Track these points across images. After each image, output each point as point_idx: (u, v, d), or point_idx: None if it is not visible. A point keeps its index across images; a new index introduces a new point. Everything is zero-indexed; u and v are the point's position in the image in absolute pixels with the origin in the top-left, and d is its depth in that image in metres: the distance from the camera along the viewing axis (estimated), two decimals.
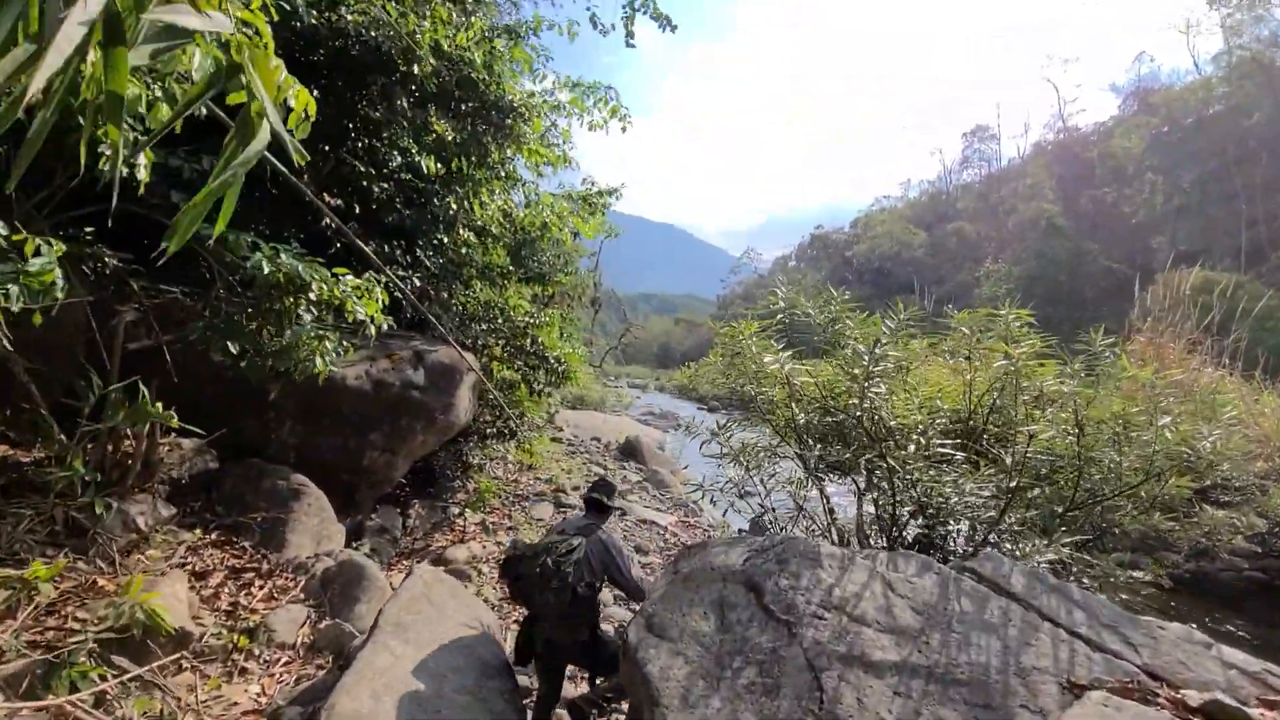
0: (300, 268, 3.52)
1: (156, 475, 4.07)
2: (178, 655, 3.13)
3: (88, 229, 4.11)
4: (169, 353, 4.15)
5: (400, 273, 6.49)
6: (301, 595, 4.10)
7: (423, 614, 2.91)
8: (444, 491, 7.57)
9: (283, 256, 3.54)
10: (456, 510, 6.69)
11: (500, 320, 8.05)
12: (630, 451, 12.49)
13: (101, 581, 3.30)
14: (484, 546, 6.32)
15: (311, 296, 3.68)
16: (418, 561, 5.81)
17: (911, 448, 2.83)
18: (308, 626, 3.84)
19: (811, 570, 2.15)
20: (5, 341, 3.43)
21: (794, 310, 3.50)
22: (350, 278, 3.93)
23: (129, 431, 3.70)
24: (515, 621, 4.92)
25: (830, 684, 1.74)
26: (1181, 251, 28.13)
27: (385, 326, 4.26)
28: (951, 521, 2.89)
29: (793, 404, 3.71)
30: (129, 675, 2.83)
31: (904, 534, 3.78)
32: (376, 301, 4.05)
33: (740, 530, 8.90)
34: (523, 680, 3.59)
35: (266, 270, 3.42)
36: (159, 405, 3.69)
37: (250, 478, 4.77)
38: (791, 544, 2.33)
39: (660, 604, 2.20)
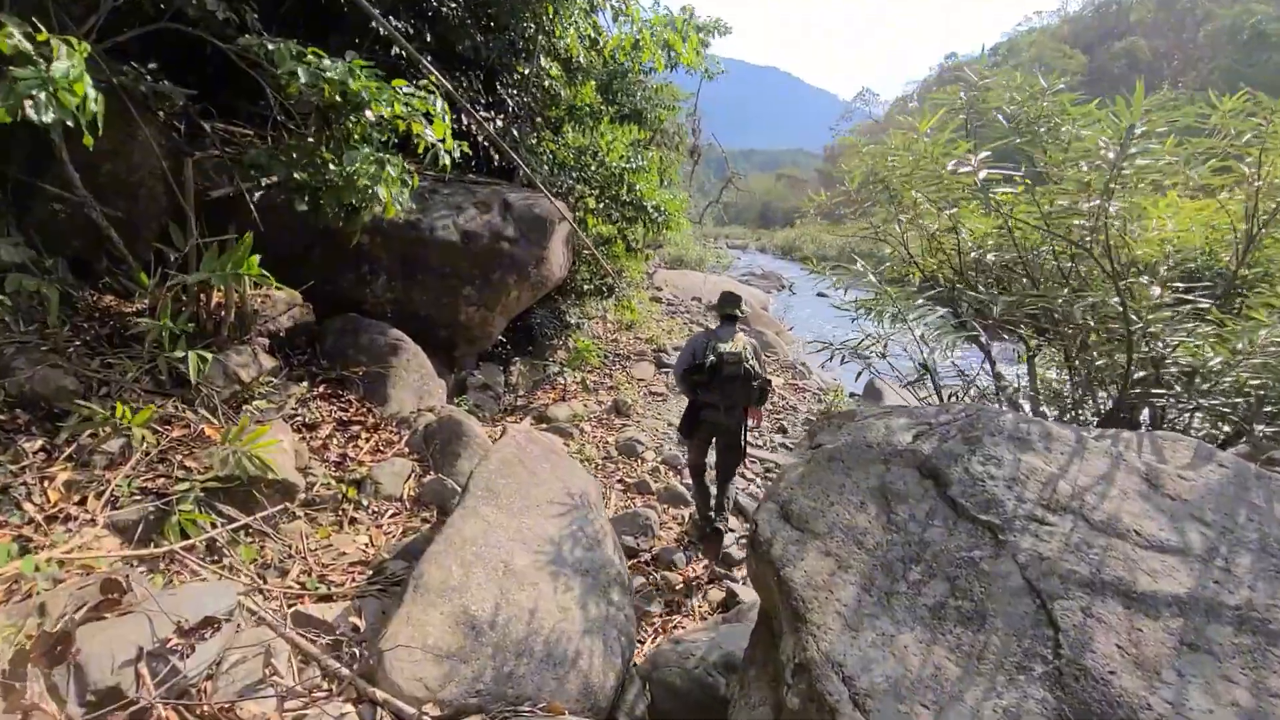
0: (347, 77, 2.97)
1: (255, 327, 3.98)
2: (285, 505, 3.11)
3: (151, 65, 3.77)
4: (252, 202, 3.89)
5: (482, 114, 5.85)
6: (406, 450, 4.05)
7: (515, 477, 2.64)
8: (544, 350, 7.42)
9: (326, 62, 3.00)
10: (556, 369, 6.50)
11: (593, 167, 7.32)
12: None
13: (209, 431, 3.29)
14: (585, 405, 6.15)
15: (369, 116, 3.17)
16: (520, 419, 5.74)
17: (1156, 290, 2.00)
18: (412, 480, 3.79)
19: (1018, 453, 1.55)
20: (78, 184, 3.26)
21: (983, 105, 2.57)
22: (408, 89, 3.35)
23: (218, 284, 3.54)
24: (619, 482, 4.75)
25: (1069, 619, 1.20)
26: None
27: (458, 154, 3.72)
28: (1190, 399, 2.11)
29: (962, 234, 2.89)
30: (236, 524, 2.82)
31: (1082, 413, 3.00)
32: (445, 122, 3.48)
33: (853, 394, 8.27)
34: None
35: (304, 79, 2.91)
36: (250, 258, 3.47)
37: (349, 332, 4.66)
38: (984, 416, 1.71)
39: (799, 488, 1.71)
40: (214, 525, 2.77)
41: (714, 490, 4.09)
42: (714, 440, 4.02)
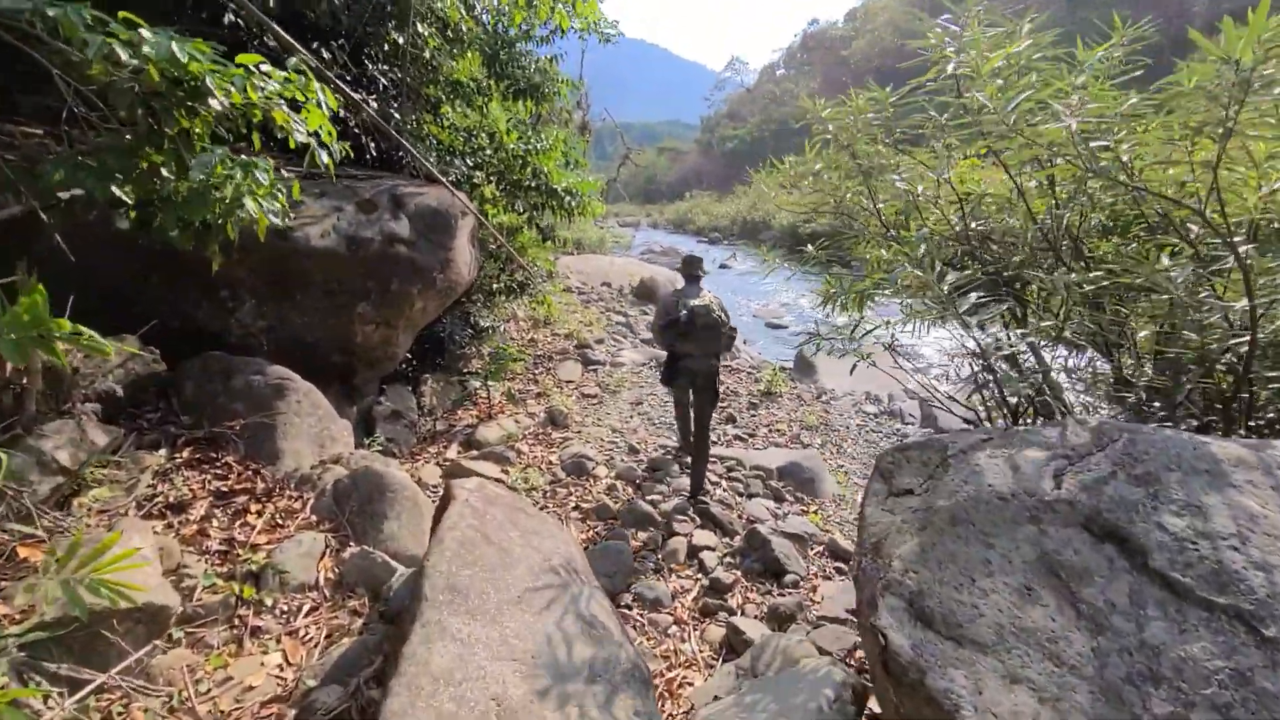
0: (177, 51, 2.12)
1: (77, 392, 2.99)
2: (154, 643, 2.28)
3: None
4: (50, 220, 2.85)
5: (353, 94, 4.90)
6: (313, 518, 3.23)
7: (481, 562, 2.01)
8: (456, 361, 6.61)
9: (145, 34, 2.12)
10: (477, 383, 5.74)
11: (489, 151, 6.51)
12: (647, 294, 11.42)
13: (26, 552, 2.36)
14: (516, 420, 5.46)
15: (215, 105, 2.31)
16: (444, 448, 4.97)
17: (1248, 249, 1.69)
18: (328, 558, 3.01)
19: (1218, 494, 1.17)
20: None
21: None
22: (272, 69, 2.52)
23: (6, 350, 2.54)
24: (575, 509, 4.17)
25: None
26: None
27: (340, 153, 2.92)
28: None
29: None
30: (83, 691, 1.98)
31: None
32: (322, 110, 2.67)
33: (783, 367, 8.11)
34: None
35: (123, 56, 2.04)
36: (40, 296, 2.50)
37: (216, 375, 3.70)
38: (1141, 441, 1.32)
39: (924, 568, 1.26)
40: (46, 700, 1.92)
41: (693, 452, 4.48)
42: (693, 383, 4.38)
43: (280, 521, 3.16)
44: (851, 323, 3.93)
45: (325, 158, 2.80)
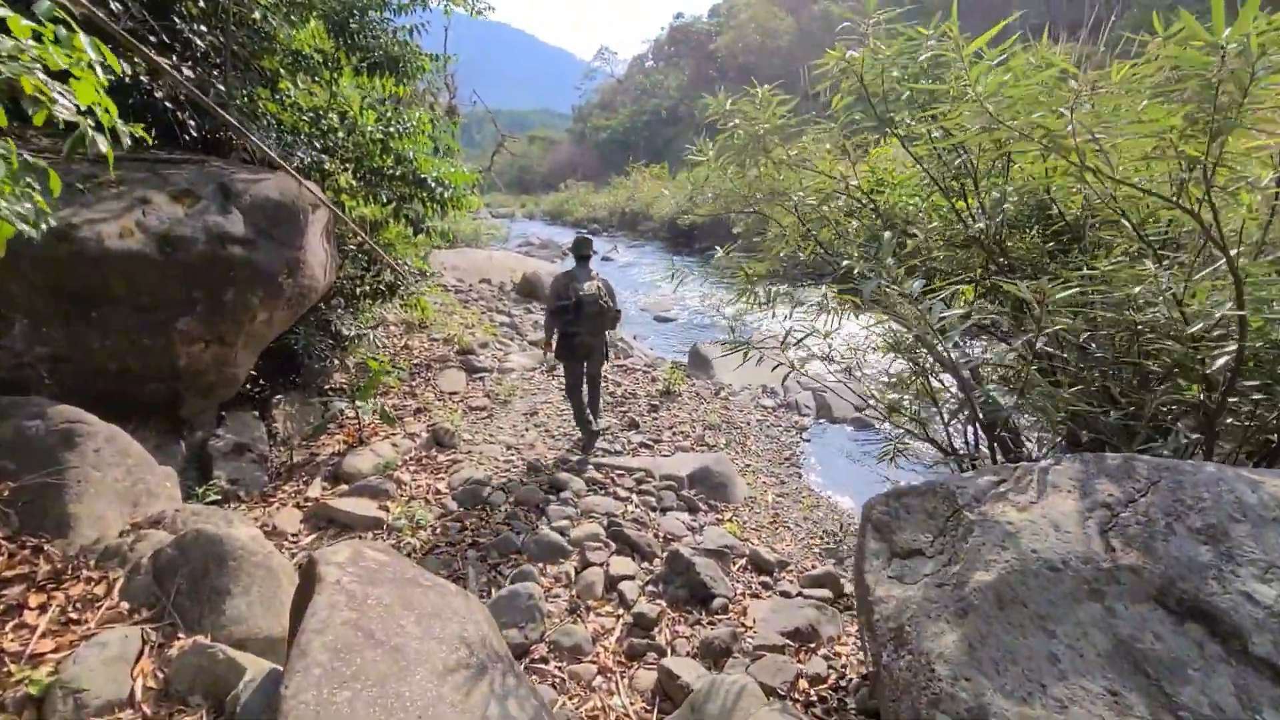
0: None
1: None
2: None
3: None
4: None
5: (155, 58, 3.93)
6: (123, 606, 2.46)
7: (366, 674, 1.50)
8: (314, 377, 5.72)
9: None
10: (342, 403, 4.96)
11: (341, 133, 5.66)
12: (530, 290, 10.82)
13: None
14: (393, 444, 4.77)
15: None
16: (304, 486, 4.20)
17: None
18: (149, 659, 2.28)
19: None
20: None
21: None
22: (13, 17, 1.77)
23: None
24: (472, 545, 3.65)
25: None
26: None
27: (129, 137, 2.19)
28: None
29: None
30: None
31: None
32: (95, 75, 1.95)
33: (675, 363, 7.93)
34: None
35: None
36: None
37: None
38: (1186, 481, 1.12)
39: (977, 676, 0.98)
40: None
41: (587, 398, 5.00)
42: (587, 356, 4.84)
43: (75, 616, 2.37)
44: (742, 316, 3.84)
45: (103, 144, 2.07)
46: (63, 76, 1.91)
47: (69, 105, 1.91)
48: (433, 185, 5.81)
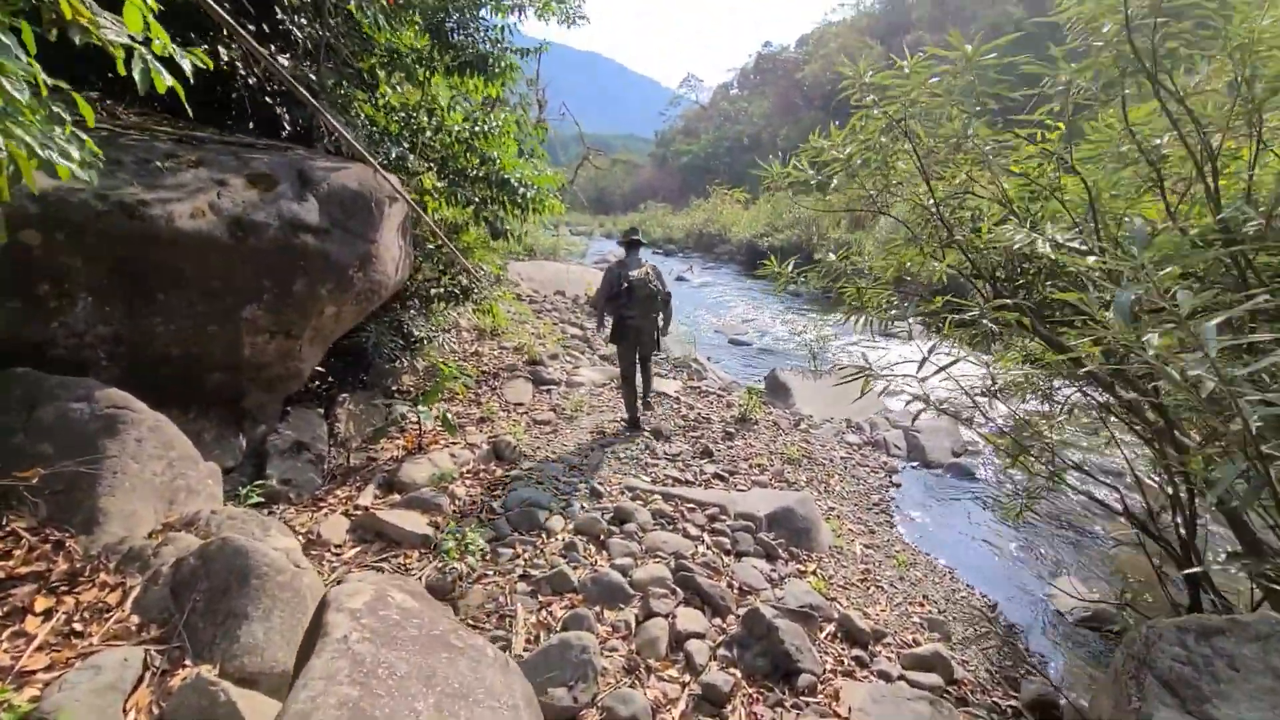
0: None
1: None
2: None
3: None
4: None
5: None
6: (133, 620, 2.20)
7: None
8: (382, 378, 5.58)
9: None
10: (405, 407, 4.74)
11: (428, 132, 5.56)
12: None
13: None
14: (451, 454, 4.49)
15: None
16: (357, 492, 3.95)
17: None
18: (147, 689, 1.99)
19: None
20: None
21: None
22: None
23: None
24: (522, 578, 3.25)
25: None
26: None
27: (179, 74, 1.96)
28: None
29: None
30: None
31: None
32: (147, 1, 1.72)
33: (752, 388, 7.34)
34: None
35: None
36: None
37: (13, 405, 2.63)
38: None
39: None
40: None
41: (640, 387, 5.36)
42: (639, 339, 5.07)
43: (79, 628, 2.13)
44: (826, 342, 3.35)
45: (167, 77, 1.83)
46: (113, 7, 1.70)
47: (116, 32, 1.68)
48: (515, 186, 5.60)
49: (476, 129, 5.45)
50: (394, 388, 5.60)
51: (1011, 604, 4.07)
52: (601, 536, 3.63)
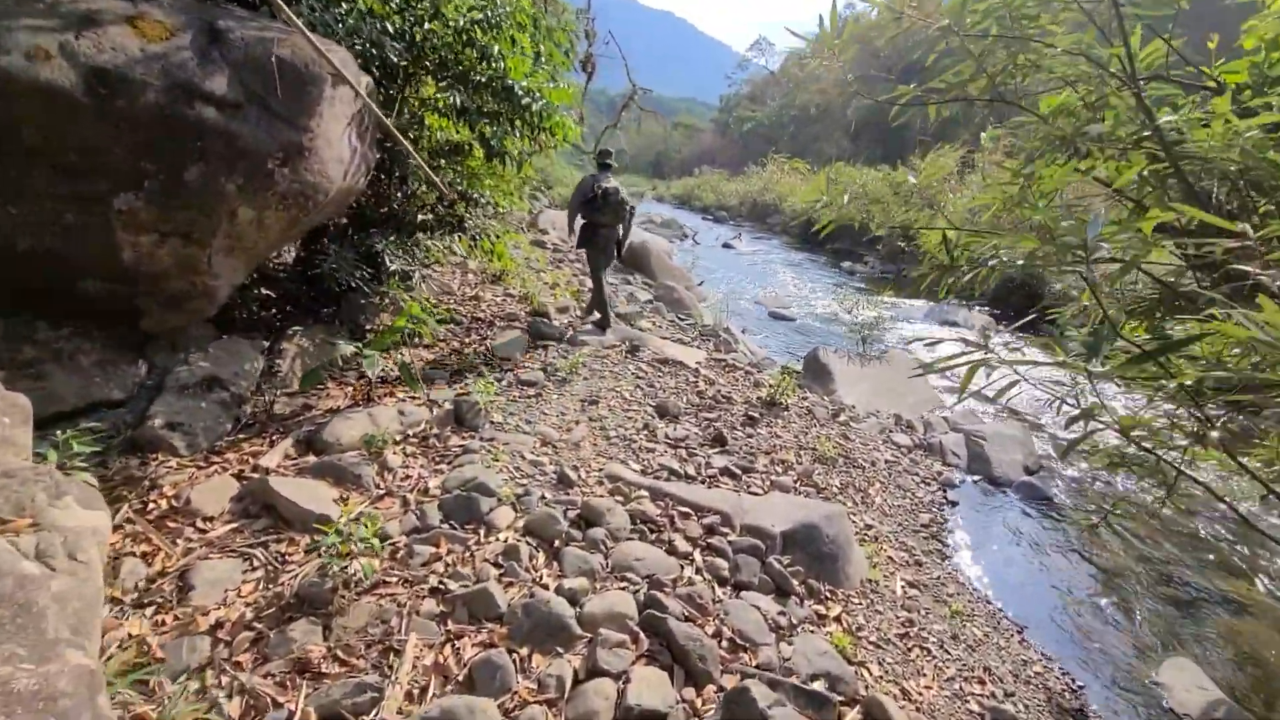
0: None
1: None
2: None
3: None
4: None
5: None
6: None
7: None
8: (355, 314, 4.77)
9: None
10: (351, 347, 3.90)
11: (426, 19, 4.56)
12: (635, 261, 9.56)
13: None
14: (402, 411, 3.64)
15: None
16: (271, 442, 3.15)
17: None
18: None
19: None
20: None
21: None
22: None
23: None
24: (434, 591, 2.38)
25: None
26: None
27: None
28: None
29: None
30: None
31: None
32: None
33: (785, 369, 6.24)
34: None
35: None
36: None
37: None
38: None
39: None
40: None
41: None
42: (606, 246, 5.71)
43: None
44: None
45: None
46: None
47: None
48: (520, 96, 4.60)
49: (477, 18, 4.44)
50: (367, 326, 4.79)
51: (1106, 693, 3.03)
52: (556, 543, 2.73)
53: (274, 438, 3.26)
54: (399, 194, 5.14)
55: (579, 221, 5.68)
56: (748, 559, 2.91)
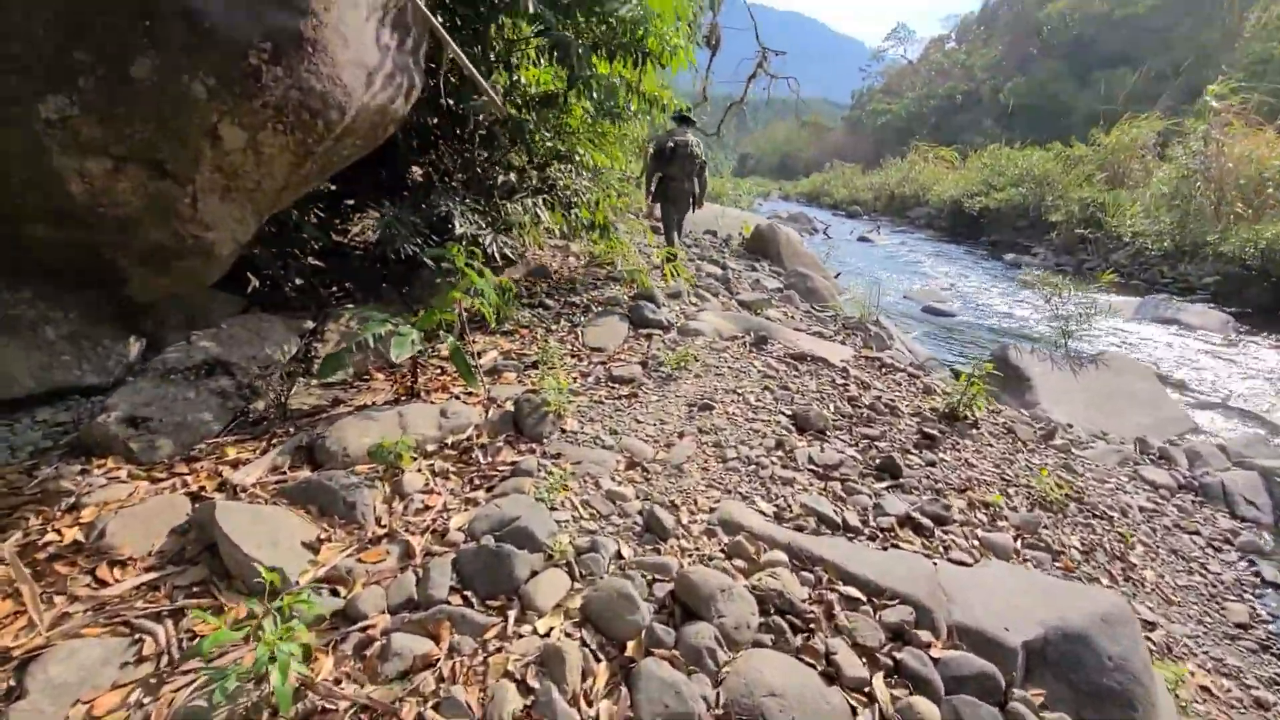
0: None
1: None
2: None
3: None
4: None
5: None
6: None
7: None
8: (429, 293, 3.97)
9: None
10: (384, 325, 3.01)
11: None
12: (762, 246, 8.24)
13: None
14: (444, 413, 2.69)
15: None
16: (262, 449, 2.30)
17: None
18: None
19: None
20: None
21: None
22: None
23: None
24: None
25: None
26: None
27: None
28: None
29: None
30: None
31: None
32: None
33: (970, 373, 4.59)
34: None
35: None
36: None
37: None
38: None
39: None
40: None
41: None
42: (676, 199, 5.78)
43: None
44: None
45: None
46: None
47: None
48: (614, 25, 3.53)
49: None
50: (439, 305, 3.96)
51: None
52: (630, 647, 1.59)
53: (270, 441, 2.42)
54: (481, 153, 4.30)
55: (656, 179, 5.75)
56: (971, 704, 1.59)
